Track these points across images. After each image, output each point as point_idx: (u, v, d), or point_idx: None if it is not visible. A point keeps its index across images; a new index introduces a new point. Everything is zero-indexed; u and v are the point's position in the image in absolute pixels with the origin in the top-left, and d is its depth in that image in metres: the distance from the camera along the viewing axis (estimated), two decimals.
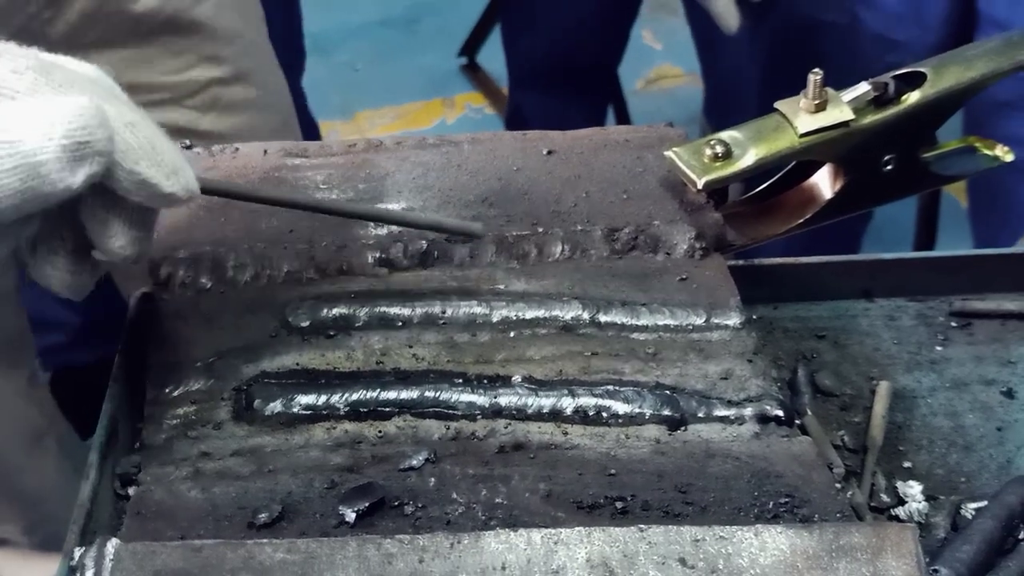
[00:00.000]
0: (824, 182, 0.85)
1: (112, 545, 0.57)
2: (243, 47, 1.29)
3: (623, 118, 2.50)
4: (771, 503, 0.62)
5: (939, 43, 1.54)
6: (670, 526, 0.58)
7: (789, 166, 0.85)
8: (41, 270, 0.65)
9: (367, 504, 0.62)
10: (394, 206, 0.81)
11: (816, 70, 0.79)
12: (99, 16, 1.12)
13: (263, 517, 0.61)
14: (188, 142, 0.86)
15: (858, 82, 0.81)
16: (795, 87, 0.82)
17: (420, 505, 0.62)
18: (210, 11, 1.22)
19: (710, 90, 2.20)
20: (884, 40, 1.63)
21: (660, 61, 2.98)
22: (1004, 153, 0.89)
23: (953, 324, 0.87)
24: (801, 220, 0.85)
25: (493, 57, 2.75)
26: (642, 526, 0.58)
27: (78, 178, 0.57)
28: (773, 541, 0.57)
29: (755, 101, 1.80)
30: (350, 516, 0.61)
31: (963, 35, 1.54)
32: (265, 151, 0.86)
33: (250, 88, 1.29)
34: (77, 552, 0.58)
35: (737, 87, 1.96)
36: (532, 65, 2.26)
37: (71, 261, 0.64)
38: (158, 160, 0.61)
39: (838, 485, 0.65)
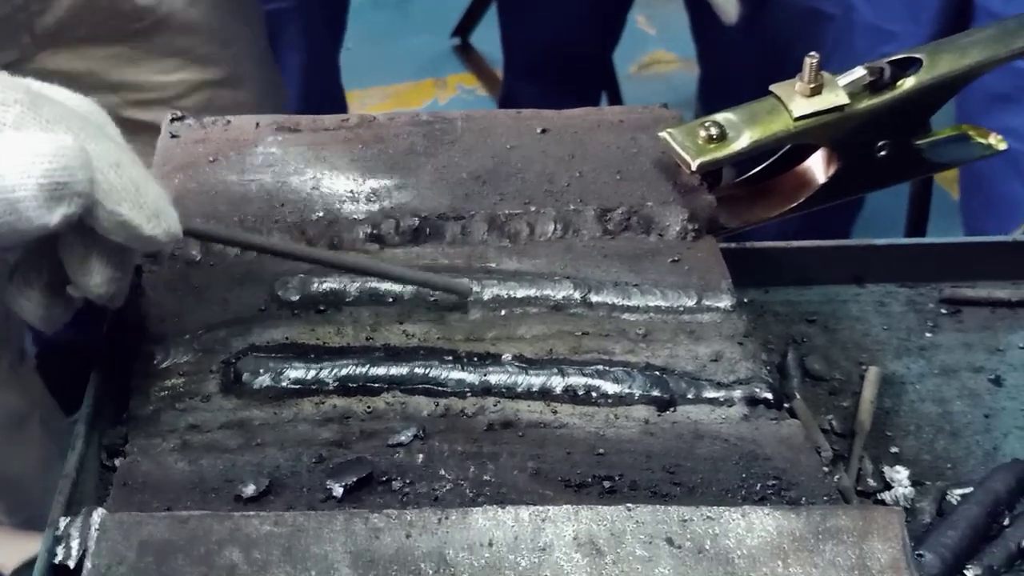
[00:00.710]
0: (818, 166, 0.85)
1: (98, 515, 0.57)
2: (239, 50, 1.27)
3: (616, 103, 2.49)
4: (759, 485, 0.62)
5: (934, 35, 1.54)
6: (658, 506, 0.58)
7: (783, 149, 0.85)
8: (15, 300, 0.65)
9: (355, 479, 0.61)
10: (385, 182, 0.81)
11: (812, 53, 0.79)
12: (89, 11, 1.11)
13: (250, 490, 0.61)
14: (180, 112, 0.86)
15: None
16: (790, 76, 0.81)
17: (408, 481, 0.62)
18: (205, 13, 1.20)
19: (705, 76, 2.20)
20: (880, 31, 1.62)
21: (654, 46, 2.98)
22: (997, 142, 0.89)
23: (943, 311, 0.87)
24: (794, 204, 0.85)
25: (487, 38, 2.74)
26: (630, 505, 0.58)
27: (54, 217, 0.57)
28: (760, 522, 0.57)
29: (750, 88, 1.80)
30: (338, 491, 0.61)
31: (959, 27, 1.53)
32: (257, 124, 0.86)
33: (243, 92, 1.28)
34: (63, 522, 0.58)
35: (732, 74, 1.95)
36: (528, 53, 2.24)
37: (45, 295, 0.64)
38: (141, 202, 0.60)
39: (825, 469, 0.65)
